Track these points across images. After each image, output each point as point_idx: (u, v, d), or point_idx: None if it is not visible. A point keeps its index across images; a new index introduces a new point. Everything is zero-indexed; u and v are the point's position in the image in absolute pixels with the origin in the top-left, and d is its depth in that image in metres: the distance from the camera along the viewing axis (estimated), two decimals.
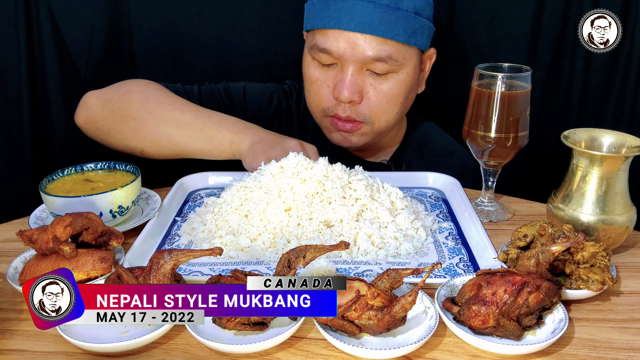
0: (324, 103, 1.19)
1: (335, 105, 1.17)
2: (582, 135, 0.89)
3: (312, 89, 1.20)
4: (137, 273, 0.72)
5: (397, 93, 1.16)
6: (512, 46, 1.44)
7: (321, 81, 1.17)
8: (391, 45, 1.11)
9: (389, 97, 1.16)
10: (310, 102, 1.23)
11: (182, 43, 1.48)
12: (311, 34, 1.17)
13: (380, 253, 0.87)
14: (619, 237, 0.86)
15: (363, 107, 1.16)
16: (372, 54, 1.10)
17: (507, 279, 0.69)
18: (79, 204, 0.89)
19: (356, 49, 1.10)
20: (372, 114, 1.17)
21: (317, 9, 1.13)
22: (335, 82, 1.15)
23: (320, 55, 1.14)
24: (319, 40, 1.13)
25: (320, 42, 1.13)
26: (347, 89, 1.12)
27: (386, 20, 1.09)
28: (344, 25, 1.09)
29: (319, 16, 1.13)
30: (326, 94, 1.18)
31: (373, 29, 1.09)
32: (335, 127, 1.20)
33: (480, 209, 1.04)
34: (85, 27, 1.42)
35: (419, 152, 1.35)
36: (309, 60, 1.19)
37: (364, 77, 1.14)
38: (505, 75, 0.96)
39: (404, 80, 1.16)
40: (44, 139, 1.47)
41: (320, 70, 1.17)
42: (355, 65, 1.12)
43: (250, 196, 0.95)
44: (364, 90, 1.14)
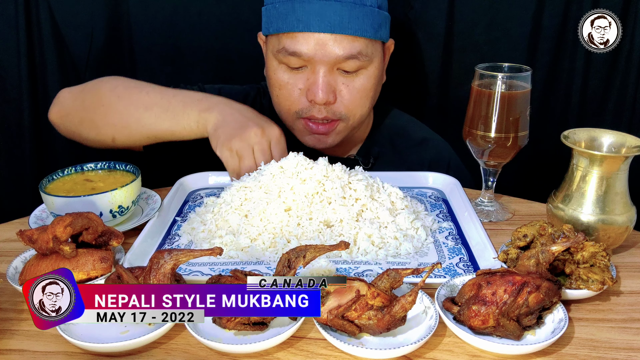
0: (296, 106, 1.16)
1: (309, 107, 1.15)
2: (582, 135, 0.89)
3: (282, 93, 1.16)
4: (137, 273, 0.72)
5: (369, 87, 1.16)
6: (512, 46, 1.44)
7: (291, 84, 1.15)
8: (360, 42, 1.10)
9: (362, 93, 1.15)
10: (280, 106, 1.19)
11: (182, 43, 1.48)
12: (275, 38, 1.14)
13: (380, 253, 0.87)
14: (618, 237, 0.86)
15: (338, 105, 1.14)
16: (344, 52, 1.09)
17: (507, 279, 0.69)
18: (79, 204, 0.89)
19: (327, 49, 1.09)
20: (347, 110, 1.16)
21: (282, 13, 1.10)
22: (308, 85, 1.13)
23: (290, 58, 1.12)
24: (287, 44, 1.11)
25: (289, 45, 1.10)
26: (322, 91, 1.11)
27: (354, 17, 1.08)
28: (313, 27, 1.08)
29: (286, 20, 1.10)
30: (297, 97, 1.15)
31: (343, 27, 1.08)
32: (310, 130, 1.18)
33: (480, 208, 1.04)
34: (85, 27, 1.42)
35: (389, 143, 1.33)
36: (274, 64, 1.16)
37: (336, 76, 1.13)
38: (505, 75, 0.96)
39: (373, 74, 1.15)
40: (44, 138, 1.48)
41: (289, 74, 1.14)
42: (326, 65, 1.10)
43: (250, 196, 0.95)
44: (336, 89, 1.13)
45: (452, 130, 1.37)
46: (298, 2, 1.09)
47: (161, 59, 1.49)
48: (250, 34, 1.48)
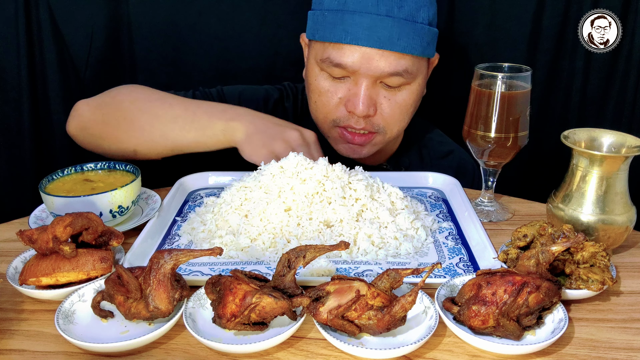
0: (333, 114, 1.15)
1: (347, 117, 1.13)
2: (582, 135, 0.89)
3: (321, 100, 1.15)
4: (137, 273, 0.72)
5: (410, 103, 1.15)
6: (512, 46, 1.44)
7: (331, 93, 1.13)
8: (407, 60, 1.08)
9: (403, 108, 1.14)
10: (317, 112, 1.18)
11: (182, 43, 1.48)
12: (319, 45, 1.12)
13: (380, 253, 0.87)
14: (618, 237, 0.86)
15: (377, 118, 1.13)
16: (389, 69, 1.07)
17: (507, 279, 0.69)
18: (79, 204, 0.89)
19: (373, 64, 1.07)
20: (386, 124, 1.15)
21: (330, 22, 1.08)
22: (349, 96, 1.11)
23: (333, 69, 1.10)
24: (332, 55, 1.09)
25: (335, 56, 1.08)
26: (363, 104, 1.09)
27: (404, 34, 1.06)
28: (362, 41, 1.05)
29: (334, 30, 1.07)
30: (335, 105, 1.14)
31: (392, 44, 1.06)
32: (345, 139, 1.17)
33: (480, 209, 1.04)
34: (85, 27, 1.42)
35: (418, 154, 1.34)
36: (316, 71, 1.14)
37: (378, 89, 1.11)
38: (505, 75, 0.96)
39: (416, 90, 1.14)
40: (44, 138, 1.47)
41: (331, 82, 1.13)
42: (369, 79, 1.09)
43: (250, 196, 0.95)
44: (377, 102, 1.12)
45: (452, 130, 1.37)
46: (349, 13, 1.06)
47: (161, 58, 1.49)
48: (250, 34, 1.48)
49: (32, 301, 0.78)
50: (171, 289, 0.70)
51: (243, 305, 0.67)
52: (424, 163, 1.32)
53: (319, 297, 0.69)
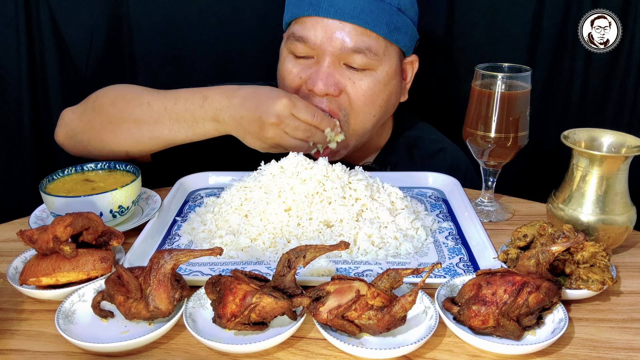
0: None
1: (307, 97, 1.10)
2: (582, 135, 0.89)
3: (285, 84, 1.14)
4: (137, 273, 0.72)
5: (376, 93, 1.12)
6: (512, 46, 1.44)
7: (294, 74, 1.12)
8: (371, 38, 1.08)
9: (368, 96, 1.11)
10: None
11: (182, 43, 1.48)
12: (289, 28, 1.13)
13: (380, 253, 0.87)
14: (618, 237, 0.86)
15: (343, 99, 1.11)
16: (351, 44, 1.06)
17: (507, 279, 0.69)
18: (79, 204, 0.89)
19: (334, 38, 1.06)
20: (351, 109, 1.12)
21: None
22: (310, 74, 1.10)
23: (297, 44, 1.10)
24: (296, 29, 1.10)
25: (298, 30, 1.09)
26: (321, 80, 1.08)
27: (368, 10, 1.06)
28: (323, 11, 1.06)
29: (299, 4, 1.09)
30: (296, 86, 1.12)
31: (354, 17, 1.05)
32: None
33: (480, 208, 1.04)
34: (85, 27, 1.42)
35: (407, 153, 1.31)
36: (284, 55, 1.15)
37: (341, 70, 1.10)
38: (505, 75, 0.96)
39: (382, 79, 1.12)
40: (44, 139, 1.48)
41: (294, 63, 1.13)
42: (331, 57, 1.08)
43: (250, 196, 0.95)
44: (341, 83, 1.10)
45: (452, 130, 1.37)
46: None
47: (161, 58, 1.49)
48: (250, 33, 1.48)
49: (33, 301, 0.78)
50: (171, 289, 0.70)
51: (243, 305, 0.67)
52: (414, 162, 1.29)
53: (319, 297, 0.69)
